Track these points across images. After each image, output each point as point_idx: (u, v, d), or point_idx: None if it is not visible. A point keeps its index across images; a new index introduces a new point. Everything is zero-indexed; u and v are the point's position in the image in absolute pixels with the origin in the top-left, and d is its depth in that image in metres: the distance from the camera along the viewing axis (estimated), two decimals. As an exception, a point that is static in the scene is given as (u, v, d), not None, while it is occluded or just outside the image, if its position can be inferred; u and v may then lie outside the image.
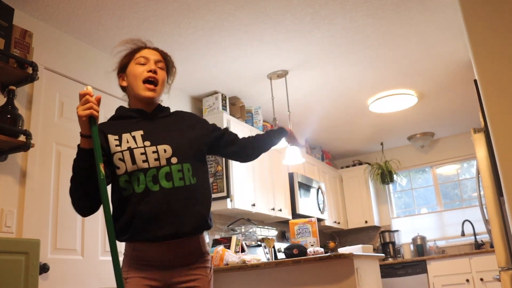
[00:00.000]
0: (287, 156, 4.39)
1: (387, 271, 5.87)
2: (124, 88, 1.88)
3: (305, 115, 5.35)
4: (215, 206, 4.12)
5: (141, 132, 1.72)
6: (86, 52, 3.45)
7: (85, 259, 3.06)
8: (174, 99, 4.31)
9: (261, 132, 4.88)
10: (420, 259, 5.79)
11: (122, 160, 1.64)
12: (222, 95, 4.47)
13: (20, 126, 2.61)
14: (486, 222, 3.36)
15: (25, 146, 2.60)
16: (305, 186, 5.43)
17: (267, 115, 5.10)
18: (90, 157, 1.55)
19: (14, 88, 2.64)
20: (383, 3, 3.26)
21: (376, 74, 4.45)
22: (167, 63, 1.88)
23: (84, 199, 1.61)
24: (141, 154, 1.65)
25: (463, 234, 6.05)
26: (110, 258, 3.24)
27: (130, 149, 1.65)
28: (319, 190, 5.79)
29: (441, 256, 5.71)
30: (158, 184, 1.64)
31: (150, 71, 1.76)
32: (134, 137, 1.69)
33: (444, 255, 5.76)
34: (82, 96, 1.55)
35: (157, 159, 1.66)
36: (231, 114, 4.53)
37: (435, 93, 5.04)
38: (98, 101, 1.58)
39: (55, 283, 2.81)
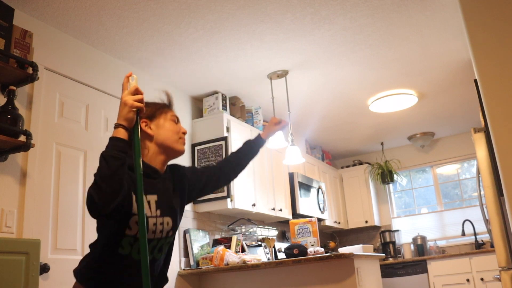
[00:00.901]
0: (288, 156, 4.39)
1: (388, 271, 5.87)
2: (146, 135, 1.70)
3: (306, 115, 5.35)
4: (215, 206, 4.13)
5: (155, 197, 1.63)
6: (86, 52, 3.45)
7: (86, 259, 3.06)
8: (175, 99, 4.29)
9: (261, 132, 4.87)
10: (420, 259, 5.79)
11: (136, 222, 1.53)
12: (222, 95, 4.47)
13: (20, 126, 2.61)
14: (487, 221, 3.35)
15: (26, 146, 2.60)
16: (306, 186, 5.43)
17: (267, 115, 5.10)
18: (127, 149, 1.48)
19: (14, 88, 2.65)
20: (383, 3, 3.26)
21: (376, 74, 4.45)
22: None
23: (116, 193, 1.43)
24: (153, 224, 1.59)
25: (463, 234, 6.05)
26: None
27: (146, 217, 1.53)
28: (320, 190, 5.79)
29: (442, 256, 5.71)
30: (152, 255, 1.62)
31: (184, 133, 1.76)
32: (149, 202, 1.60)
33: (445, 254, 5.76)
34: (132, 87, 1.54)
35: (161, 231, 1.63)
36: (231, 114, 4.53)
37: (435, 93, 5.04)
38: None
39: (56, 283, 2.81)
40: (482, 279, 5.34)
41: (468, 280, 5.42)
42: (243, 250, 4.23)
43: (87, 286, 1.59)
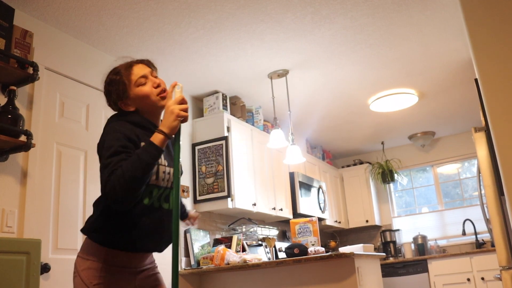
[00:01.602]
0: (288, 156, 4.39)
1: (388, 270, 5.87)
2: (130, 112, 1.80)
3: (306, 114, 5.35)
4: (216, 206, 4.13)
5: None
6: (86, 52, 3.45)
7: (86, 259, 3.06)
8: (175, 99, 4.30)
9: (261, 131, 4.88)
10: (421, 258, 5.79)
11: (163, 172, 1.69)
12: (222, 94, 4.47)
13: (21, 126, 2.61)
14: (487, 221, 3.36)
15: (26, 146, 2.60)
16: (306, 186, 5.43)
17: (268, 115, 5.10)
18: (158, 157, 1.59)
19: (15, 88, 2.65)
20: (384, 2, 3.25)
21: (376, 73, 4.44)
22: (155, 69, 1.89)
23: (138, 194, 1.56)
24: (163, 172, 1.70)
25: (464, 233, 6.05)
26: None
27: (158, 164, 1.67)
28: (320, 189, 5.79)
29: (442, 255, 5.71)
30: (159, 203, 1.71)
31: (157, 86, 1.78)
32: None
33: (445, 254, 5.76)
34: (179, 97, 1.64)
35: (168, 180, 1.73)
36: (232, 113, 4.53)
37: (435, 92, 5.04)
38: None
39: (56, 283, 2.81)
40: (482, 278, 5.34)
41: (468, 280, 5.42)
42: (243, 250, 4.23)
43: (104, 240, 1.64)
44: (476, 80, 2.55)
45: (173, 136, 1.66)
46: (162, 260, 2.14)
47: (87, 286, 1.60)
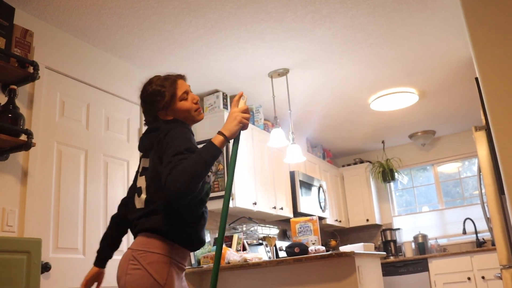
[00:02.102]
0: (288, 155, 4.39)
1: (389, 269, 5.87)
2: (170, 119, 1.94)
3: (306, 113, 5.35)
4: (216, 205, 4.13)
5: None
6: (87, 51, 3.45)
7: (87, 258, 3.07)
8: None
9: (262, 130, 4.88)
10: (421, 257, 5.79)
11: (211, 171, 1.83)
12: (223, 93, 4.47)
13: (21, 125, 2.62)
14: (488, 220, 3.36)
15: (26, 146, 2.61)
16: (306, 185, 5.43)
17: (268, 114, 5.10)
18: (218, 156, 1.72)
19: (15, 87, 2.65)
20: (384, 2, 3.25)
21: (377, 73, 4.44)
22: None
23: (198, 187, 1.68)
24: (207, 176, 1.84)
25: (464, 232, 6.05)
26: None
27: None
28: (320, 188, 5.79)
29: (443, 254, 5.71)
30: (206, 199, 1.91)
31: (196, 102, 1.96)
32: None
33: (446, 253, 5.76)
34: (244, 106, 1.79)
35: (208, 177, 1.89)
36: (232, 112, 4.52)
37: (436, 91, 5.04)
38: None
39: (57, 282, 2.82)
40: (483, 277, 5.34)
41: (469, 279, 5.42)
42: (244, 249, 4.23)
43: (171, 234, 1.73)
44: (476, 79, 2.54)
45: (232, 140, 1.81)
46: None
47: (156, 280, 1.64)
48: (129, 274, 1.66)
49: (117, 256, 1.95)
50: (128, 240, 3.43)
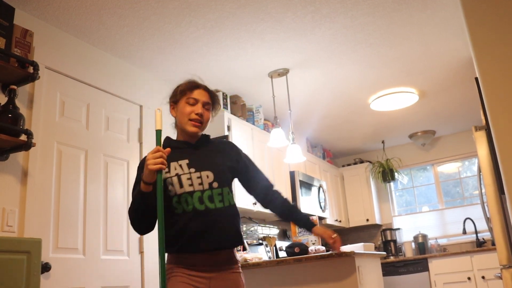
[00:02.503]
0: (288, 155, 4.39)
1: (389, 269, 5.87)
2: (173, 116, 2.10)
3: (306, 113, 5.35)
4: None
5: (187, 161, 1.97)
6: (87, 51, 3.45)
7: (87, 258, 3.07)
8: (175, 98, 4.30)
9: (262, 130, 4.88)
10: (421, 257, 5.79)
11: (172, 184, 1.91)
12: (223, 93, 4.47)
13: (21, 125, 2.62)
14: (488, 220, 3.36)
15: (26, 146, 2.61)
16: (306, 185, 5.43)
17: (268, 114, 5.10)
18: (150, 198, 1.81)
19: (15, 87, 2.65)
20: (384, 1, 3.25)
21: (377, 73, 4.44)
22: (213, 103, 2.13)
23: (144, 224, 1.91)
24: (187, 179, 1.92)
25: (464, 232, 6.05)
26: (110, 257, 3.25)
27: (178, 175, 1.92)
28: (320, 188, 5.79)
29: (443, 254, 5.71)
30: (204, 204, 1.90)
31: (197, 114, 2.00)
32: (181, 166, 1.95)
33: (446, 253, 5.76)
34: (155, 148, 1.79)
35: (201, 184, 1.93)
36: (232, 113, 4.53)
37: (436, 91, 5.04)
38: (167, 153, 1.80)
39: (57, 282, 2.82)
40: (483, 277, 5.34)
41: (469, 279, 5.42)
42: (244, 249, 4.23)
43: (172, 252, 1.91)
44: (476, 79, 2.54)
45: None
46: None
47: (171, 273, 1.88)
48: None
49: (109, 256, 1.95)
50: (128, 244, 3.43)
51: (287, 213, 2.25)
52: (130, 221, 1.92)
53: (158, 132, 1.83)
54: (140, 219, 1.89)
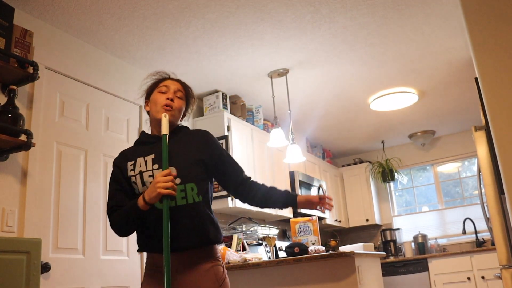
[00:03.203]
0: (288, 155, 4.39)
1: (389, 269, 5.87)
2: (148, 113, 2.04)
3: (306, 113, 5.35)
4: (216, 205, 4.13)
5: (153, 156, 1.90)
6: (86, 51, 3.45)
7: (87, 258, 3.07)
8: (175, 98, 4.30)
9: (262, 130, 4.88)
10: (421, 257, 5.79)
11: (135, 183, 1.87)
12: (222, 93, 4.47)
13: (21, 125, 2.61)
14: (487, 220, 3.36)
15: (26, 146, 2.60)
16: (306, 185, 5.43)
17: (268, 114, 5.10)
18: (142, 214, 1.78)
19: (15, 87, 2.65)
20: (384, 1, 3.25)
21: (376, 72, 4.44)
22: (186, 93, 2.04)
23: (127, 232, 1.87)
24: (149, 176, 1.84)
25: (464, 232, 6.05)
26: (110, 257, 3.25)
27: (140, 173, 1.87)
28: (320, 188, 5.78)
29: (442, 254, 5.71)
30: (163, 203, 1.77)
31: (168, 98, 1.94)
32: (146, 161, 1.89)
33: (445, 253, 5.76)
34: (165, 170, 1.75)
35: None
36: (232, 113, 4.53)
37: (435, 91, 5.04)
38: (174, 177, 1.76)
39: (57, 282, 2.82)
40: (483, 277, 5.34)
41: (469, 278, 5.42)
42: (244, 249, 4.23)
43: (138, 250, 1.93)
44: (476, 79, 2.54)
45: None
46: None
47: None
48: None
49: (108, 256, 1.95)
50: (128, 244, 3.43)
51: (264, 203, 2.14)
52: (110, 223, 1.87)
53: (164, 137, 1.82)
54: (124, 227, 1.85)
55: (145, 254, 3.50)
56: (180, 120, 2.03)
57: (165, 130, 1.83)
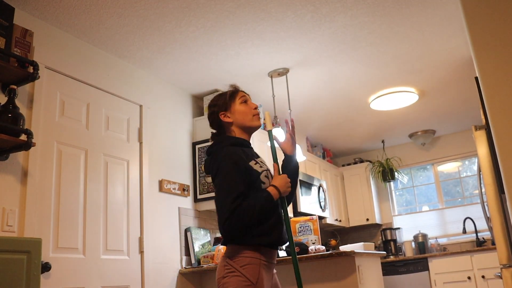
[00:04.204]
0: (288, 154, 4.37)
1: (389, 268, 5.87)
2: (227, 123, 2.16)
3: (306, 113, 5.35)
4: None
5: (260, 159, 2.13)
6: (86, 50, 3.45)
7: (87, 257, 3.07)
8: (175, 98, 4.31)
9: (262, 130, 4.87)
10: (421, 256, 5.79)
11: (267, 177, 2.03)
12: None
13: (21, 125, 2.62)
14: (488, 219, 3.36)
15: (27, 145, 2.61)
16: (306, 184, 5.43)
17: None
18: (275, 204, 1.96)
19: (15, 87, 2.65)
20: (384, 1, 3.25)
21: (377, 72, 4.44)
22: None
23: (258, 220, 1.89)
24: (265, 176, 2.03)
25: (464, 232, 6.05)
26: (110, 257, 3.25)
27: (267, 170, 2.08)
28: (321, 188, 5.79)
29: (443, 254, 5.71)
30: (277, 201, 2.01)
31: (255, 108, 2.17)
32: (261, 162, 2.10)
33: (446, 252, 5.76)
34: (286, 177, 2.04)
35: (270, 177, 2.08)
36: (232, 112, 4.52)
37: (436, 91, 5.04)
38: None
39: (57, 282, 2.82)
40: (483, 276, 5.34)
41: (469, 278, 5.42)
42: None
43: (263, 243, 1.97)
44: (476, 78, 2.54)
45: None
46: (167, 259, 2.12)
47: (251, 281, 1.84)
48: (226, 282, 1.87)
49: (109, 256, 1.94)
50: (128, 243, 3.43)
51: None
52: (239, 213, 1.83)
53: (270, 132, 2.16)
54: (259, 215, 1.88)
55: (149, 254, 3.52)
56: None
57: (269, 126, 2.17)
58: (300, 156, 4.37)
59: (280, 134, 4.24)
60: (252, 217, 1.83)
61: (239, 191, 1.86)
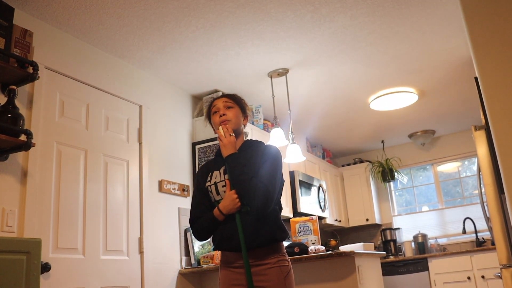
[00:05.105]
0: (288, 154, 4.39)
1: (389, 269, 5.87)
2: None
3: (306, 113, 5.35)
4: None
5: (221, 169, 2.17)
6: (86, 51, 3.45)
7: (87, 258, 3.07)
8: (175, 98, 4.31)
9: (262, 130, 4.88)
10: (421, 256, 5.79)
11: (211, 192, 2.15)
12: (222, 93, 4.46)
13: (21, 125, 2.61)
14: (487, 219, 3.36)
15: (26, 146, 2.60)
16: (306, 184, 5.43)
17: (268, 114, 5.10)
18: (218, 224, 2.10)
19: (15, 87, 2.65)
20: (384, 1, 3.25)
21: (376, 72, 4.44)
22: (234, 101, 2.24)
23: (206, 238, 2.18)
24: (223, 186, 2.12)
25: (464, 232, 6.05)
26: (110, 257, 3.25)
27: (215, 184, 2.14)
28: (320, 188, 5.79)
29: (443, 254, 5.71)
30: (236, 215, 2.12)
31: (220, 116, 2.17)
32: (220, 173, 2.16)
33: (445, 252, 5.76)
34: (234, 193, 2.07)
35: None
36: (232, 112, 4.52)
37: (436, 91, 5.04)
38: None
39: (57, 282, 2.82)
40: (483, 276, 5.34)
41: (469, 278, 5.42)
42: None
43: (215, 249, 2.21)
44: (476, 78, 2.54)
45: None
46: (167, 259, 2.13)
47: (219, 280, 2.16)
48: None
49: (108, 256, 1.94)
50: (128, 244, 3.43)
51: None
52: (193, 230, 2.16)
53: (225, 158, 2.13)
54: (206, 233, 2.14)
55: (149, 254, 3.52)
56: (244, 124, 2.26)
57: (224, 151, 2.11)
58: (300, 156, 4.37)
59: (279, 135, 4.24)
60: (200, 234, 2.15)
61: (192, 215, 2.18)
